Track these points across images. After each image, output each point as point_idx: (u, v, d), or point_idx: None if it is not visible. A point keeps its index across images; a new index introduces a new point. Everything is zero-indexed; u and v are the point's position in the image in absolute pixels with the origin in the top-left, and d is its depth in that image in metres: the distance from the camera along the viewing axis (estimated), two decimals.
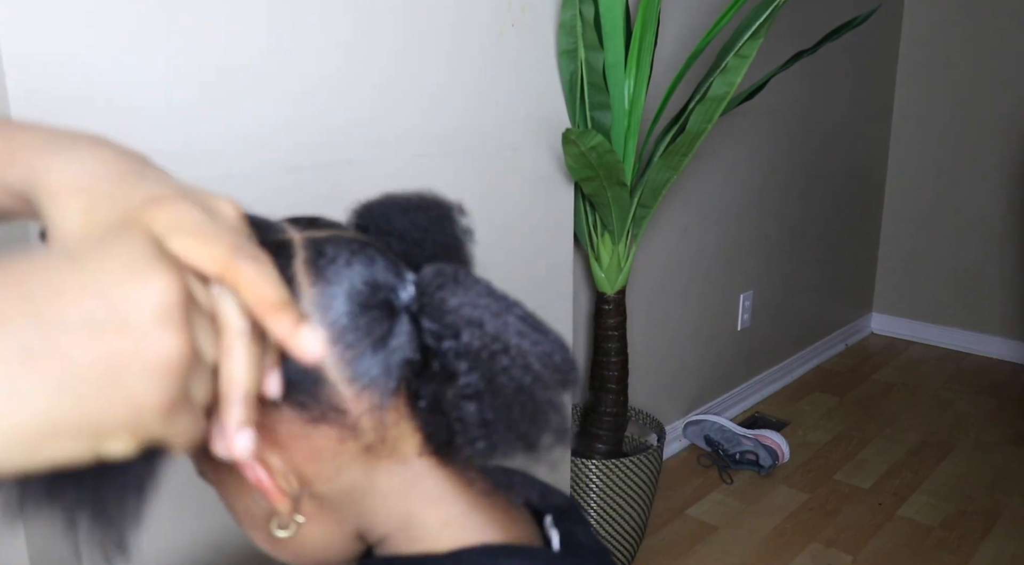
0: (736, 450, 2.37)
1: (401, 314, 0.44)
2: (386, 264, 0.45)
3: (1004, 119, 3.07)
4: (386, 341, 0.43)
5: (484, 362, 0.42)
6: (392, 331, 0.43)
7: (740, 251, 2.65)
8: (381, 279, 0.44)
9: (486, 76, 1.42)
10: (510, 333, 0.42)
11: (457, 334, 0.42)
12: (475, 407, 0.43)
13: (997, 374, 3.08)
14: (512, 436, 0.43)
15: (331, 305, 0.42)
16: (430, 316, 0.43)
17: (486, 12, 1.39)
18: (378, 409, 0.43)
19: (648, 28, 1.61)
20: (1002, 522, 2.13)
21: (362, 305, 0.42)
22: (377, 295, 0.43)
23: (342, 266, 0.43)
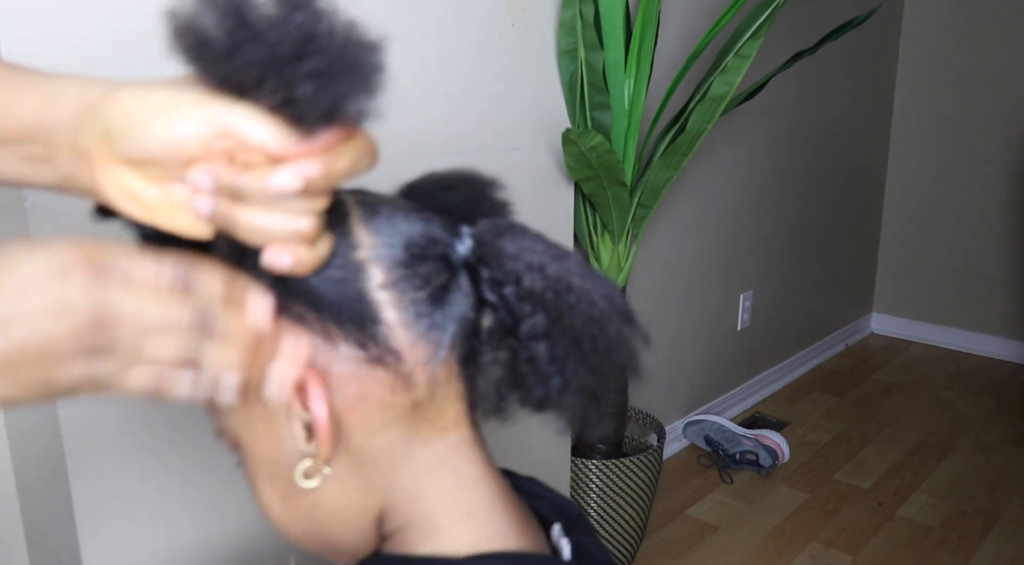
0: (736, 450, 2.37)
1: (460, 270, 0.44)
2: (441, 222, 0.45)
3: (1004, 119, 3.07)
4: (446, 292, 0.43)
5: (550, 302, 0.42)
6: (451, 284, 0.44)
7: (740, 251, 2.65)
8: (437, 234, 0.44)
9: (486, 76, 1.42)
10: (572, 275, 0.43)
11: (519, 279, 0.43)
12: (545, 345, 0.43)
13: (997, 374, 3.08)
14: (584, 369, 0.43)
15: (387, 255, 0.42)
16: (490, 264, 0.44)
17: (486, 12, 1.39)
18: (433, 361, 0.43)
19: (648, 28, 1.61)
20: (1002, 522, 2.13)
21: (419, 256, 0.43)
22: (434, 248, 0.44)
23: (399, 220, 0.44)
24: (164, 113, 0.38)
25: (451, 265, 0.44)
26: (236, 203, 0.38)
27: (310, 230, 0.39)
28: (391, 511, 0.46)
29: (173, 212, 0.40)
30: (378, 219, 0.44)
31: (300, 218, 0.39)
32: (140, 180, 0.39)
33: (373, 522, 0.47)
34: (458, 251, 0.44)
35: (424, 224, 0.44)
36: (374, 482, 0.45)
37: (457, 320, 0.44)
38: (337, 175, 0.39)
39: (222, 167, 0.38)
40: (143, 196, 0.40)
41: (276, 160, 0.38)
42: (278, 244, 0.39)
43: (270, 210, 0.38)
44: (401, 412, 0.44)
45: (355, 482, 0.45)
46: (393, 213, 0.44)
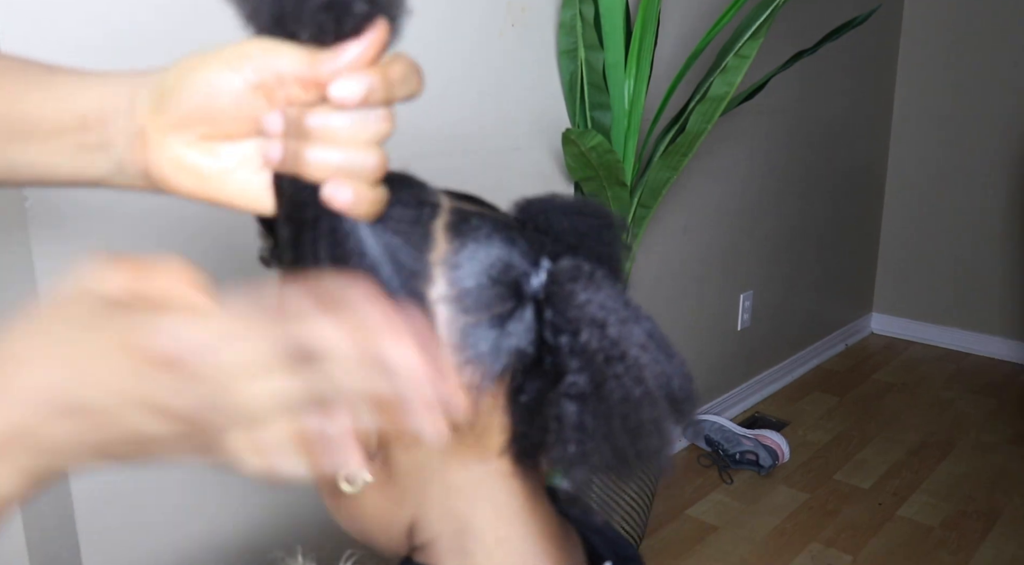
0: (736, 450, 2.37)
1: (527, 302, 0.42)
2: (525, 248, 0.43)
3: (1004, 119, 3.07)
4: (505, 322, 0.42)
5: (597, 365, 0.40)
6: (514, 314, 0.42)
7: (740, 251, 2.65)
8: (516, 262, 0.42)
9: (486, 76, 1.42)
10: (632, 343, 0.40)
11: (577, 331, 0.41)
12: (576, 408, 0.41)
13: (997, 374, 3.08)
14: (607, 448, 0.41)
15: (461, 265, 0.41)
16: (554, 306, 0.42)
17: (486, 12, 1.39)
18: (476, 389, 0.42)
19: (648, 28, 1.62)
20: (1002, 522, 2.13)
21: (491, 278, 0.41)
22: (508, 274, 0.42)
23: (482, 237, 0.42)
24: (204, 63, 0.38)
25: (521, 295, 0.42)
26: (303, 143, 0.38)
27: (376, 163, 0.38)
28: (422, 524, 0.46)
29: (225, 179, 0.40)
30: (463, 227, 0.42)
31: (366, 150, 0.38)
32: (192, 148, 0.39)
33: (405, 532, 0.47)
34: (532, 284, 0.43)
35: (507, 248, 0.42)
36: (406, 495, 0.45)
37: (511, 351, 0.42)
38: (392, 83, 0.38)
39: (287, 109, 0.38)
40: (195, 165, 0.39)
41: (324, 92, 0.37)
42: (339, 179, 0.38)
43: (336, 144, 0.38)
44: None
45: (389, 492, 0.46)
46: (480, 227, 0.42)
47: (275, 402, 0.32)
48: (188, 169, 0.40)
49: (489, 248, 0.42)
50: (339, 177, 0.38)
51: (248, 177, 0.40)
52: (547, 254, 0.44)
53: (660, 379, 0.41)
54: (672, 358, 0.42)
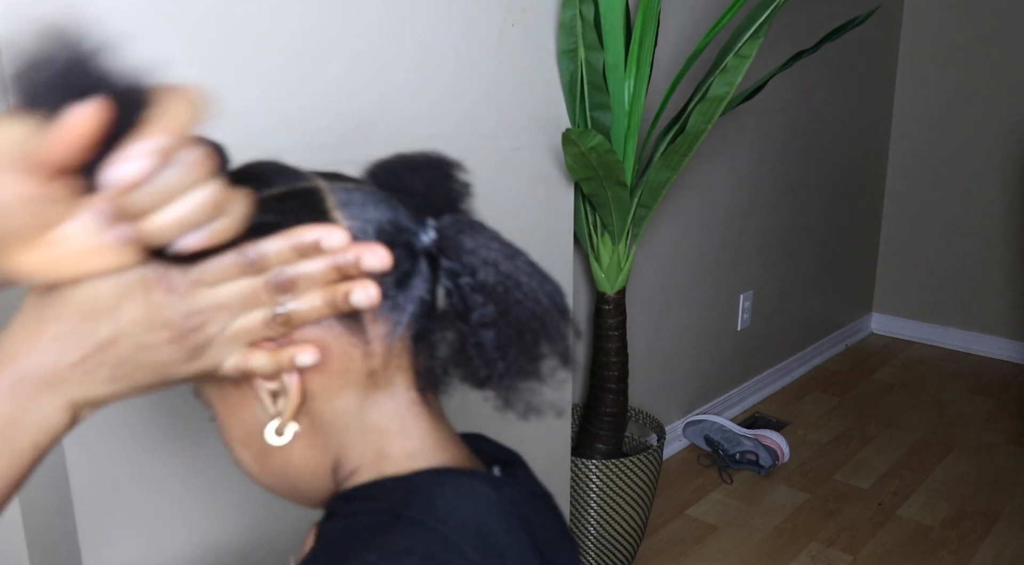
0: (736, 450, 2.37)
1: (421, 258, 0.49)
2: (406, 212, 0.50)
3: (1004, 119, 3.07)
4: (407, 279, 0.48)
5: (500, 295, 0.48)
6: (414, 270, 0.49)
7: (740, 251, 2.65)
8: (403, 222, 0.49)
9: (486, 76, 1.42)
10: (521, 273, 0.49)
11: (474, 272, 0.48)
12: (492, 333, 0.48)
13: (997, 374, 3.08)
14: (525, 357, 0.49)
15: (364, 236, 0.47)
16: (449, 256, 0.49)
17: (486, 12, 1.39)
18: (390, 336, 0.49)
19: (648, 28, 1.61)
20: (1002, 522, 2.13)
21: (388, 243, 0.47)
22: (401, 236, 0.48)
23: (369, 207, 0.48)
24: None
25: (414, 252, 0.49)
26: (134, 219, 0.39)
27: (204, 200, 0.40)
28: (343, 461, 0.52)
29: (75, 256, 0.40)
30: (352, 205, 0.48)
31: (193, 196, 0.39)
32: (25, 254, 0.39)
33: (330, 473, 0.52)
34: (422, 240, 0.49)
35: (393, 212, 0.49)
36: (329, 441, 0.51)
37: (415, 302, 0.49)
38: (181, 127, 0.39)
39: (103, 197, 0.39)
40: (42, 261, 0.40)
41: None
42: (187, 230, 0.41)
43: (168, 204, 0.39)
44: (358, 378, 0.49)
45: (315, 441, 0.51)
46: (366, 200, 0.49)
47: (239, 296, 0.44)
48: (39, 265, 0.40)
49: (378, 215, 0.48)
50: (185, 230, 0.40)
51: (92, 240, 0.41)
52: (426, 212, 0.51)
53: (549, 296, 0.49)
54: (548, 280, 0.50)
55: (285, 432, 0.50)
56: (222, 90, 1.08)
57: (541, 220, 1.58)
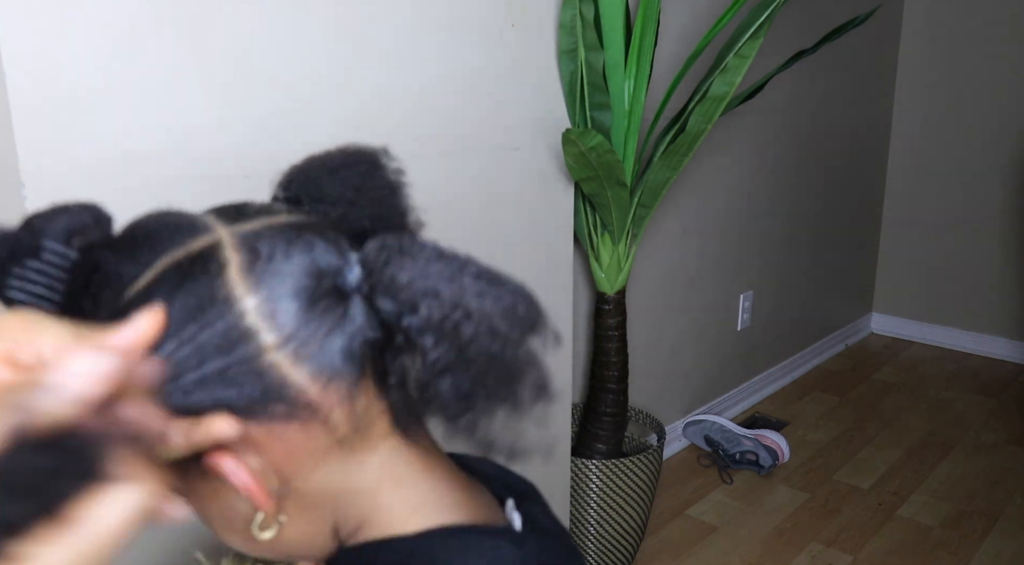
0: (736, 450, 2.37)
1: (352, 296, 0.43)
2: (326, 246, 0.43)
3: (1004, 119, 3.07)
4: (342, 328, 0.42)
5: (449, 334, 0.41)
6: (346, 316, 0.42)
7: (740, 251, 2.65)
8: (324, 265, 0.42)
9: (486, 76, 1.42)
10: (469, 297, 0.41)
11: (415, 308, 0.41)
12: (450, 381, 0.42)
13: (997, 374, 3.08)
14: (494, 400, 0.42)
15: (276, 309, 0.41)
16: (383, 295, 0.42)
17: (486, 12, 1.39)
18: (348, 399, 0.43)
19: (648, 28, 1.61)
20: (1002, 522, 2.13)
21: (309, 299, 0.41)
22: (323, 284, 0.42)
23: (280, 262, 0.41)
24: None
25: (343, 294, 0.42)
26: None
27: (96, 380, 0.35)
28: (344, 522, 0.48)
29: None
30: (258, 266, 0.41)
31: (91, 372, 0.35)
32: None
33: (331, 536, 0.48)
34: (348, 280, 0.43)
35: (308, 256, 0.42)
36: (320, 511, 0.47)
37: (361, 347, 0.42)
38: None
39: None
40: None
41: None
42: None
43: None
44: (329, 451, 0.44)
45: (305, 518, 0.47)
46: (273, 252, 0.42)
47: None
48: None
49: (293, 271, 0.41)
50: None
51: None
52: (345, 228, 0.45)
53: (508, 315, 0.41)
54: (505, 286, 0.42)
55: (271, 526, 0.46)
56: (222, 90, 1.08)
57: (541, 220, 1.58)
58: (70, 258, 0.43)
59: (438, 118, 1.35)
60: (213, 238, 0.42)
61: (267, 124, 1.14)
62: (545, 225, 1.59)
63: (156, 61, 1.01)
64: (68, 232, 0.44)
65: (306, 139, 1.18)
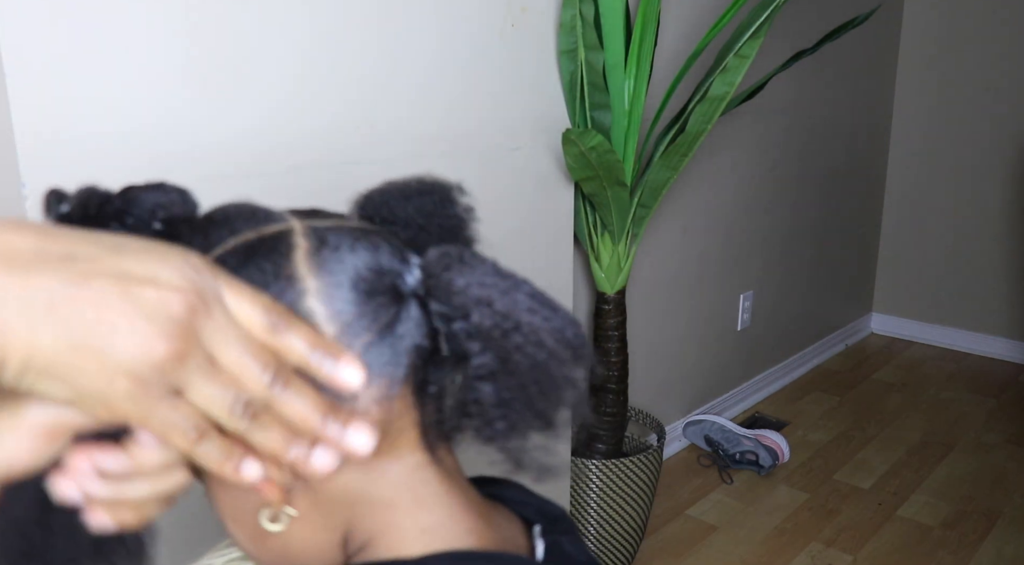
0: (736, 450, 2.37)
1: (408, 299, 0.43)
2: (391, 250, 0.44)
3: (1004, 119, 3.07)
4: (393, 328, 0.42)
5: (497, 341, 0.42)
6: (399, 317, 0.43)
7: (740, 251, 2.65)
8: (386, 264, 0.43)
9: (486, 76, 1.42)
10: (520, 310, 0.42)
11: (467, 314, 0.42)
12: (491, 387, 0.43)
13: (997, 374, 3.08)
14: (530, 414, 0.43)
15: (335, 295, 0.41)
16: (438, 298, 0.43)
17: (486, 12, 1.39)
18: (386, 400, 0.43)
19: (648, 28, 1.61)
20: (1002, 522, 2.13)
21: (367, 292, 0.42)
22: (382, 281, 0.43)
23: (346, 253, 0.43)
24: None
25: (400, 295, 0.43)
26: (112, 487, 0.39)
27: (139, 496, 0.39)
28: (353, 533, 0.47)
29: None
30: (324, 252, 0.42)
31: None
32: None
33: (339, 548, 0.48)
34: (407, 282, 0.44)
35: (372, 254, 0.43)
36: (335, 517, 0.46)
37: (408, 352, 0.43)
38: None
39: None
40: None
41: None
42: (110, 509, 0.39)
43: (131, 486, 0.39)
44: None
45: (318, 520, 0.46)
46: (339, 244, 0.43)
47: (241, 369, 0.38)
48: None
49: (356, 263, 0.43)
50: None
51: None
52: (412, 247, 0.46)
53: (556, 334, 0.43)
54: (557, 311, 0.43)
55: (280, 519, 0.45)
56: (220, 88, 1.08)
57: (541, 220, 1.58)
58: (152, 228, 0.44)
59: (438, 118, 1.35)
60: (285, 226, 0.43)
61: (266, 124, 1.14)
62: (545, 225, 1.59)
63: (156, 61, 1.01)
64: (156, 205, 0.44)
65: (306, 139, 1.18)
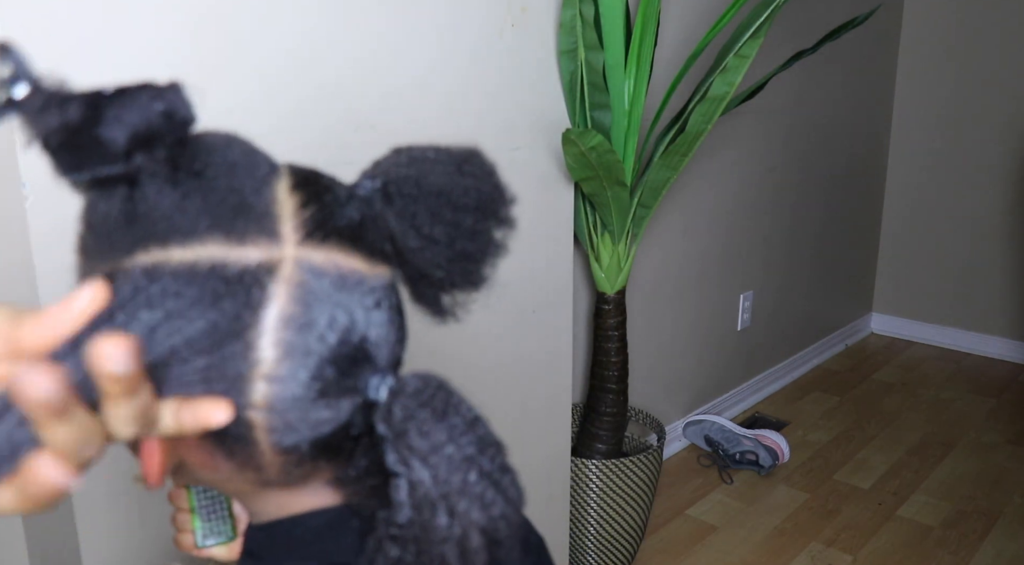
0: (736, 450, 2.37)
1: (363, 400, 0.41)
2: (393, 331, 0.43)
3: (1004, 119, 3.07)
4: (334, 418, 0.41)
5: (424, 513, 0.40)
6: (341, 407, 0.41)
7: (740, 251, 2.65)
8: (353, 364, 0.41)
9: (486, 76, 1.42)
10: (466, 494, 0.40)
11: (408, 465, 0.40)
12: (397, 551, 0.41)
13: (997, 374, 3.08)
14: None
15: (288, 383, 0.39)
16: (390, 435, 0.41)
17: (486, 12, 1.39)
18: (295, 465, 0.42)
19: (648, 28, 1.61)
20: (1002, 522, 2.13)
21: (322, 391, 0.40)
22: (346, 383, 0.40)
23: (322, 325, 0.39)
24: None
25: (358, 397, 0.41)
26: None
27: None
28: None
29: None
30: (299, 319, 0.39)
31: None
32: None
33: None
34: (369, 391, 0.42)
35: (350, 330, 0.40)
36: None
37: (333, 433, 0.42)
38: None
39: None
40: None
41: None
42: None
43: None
44: (250, 482, 0.45)
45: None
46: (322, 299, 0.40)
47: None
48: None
49: (330, 340, 0.39)
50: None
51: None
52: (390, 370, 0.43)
53: (488, 528, 0.40)
54: (505, 499, 0.41)
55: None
56: (220, 87, 1.08)
57: (541, 220, 1.58)
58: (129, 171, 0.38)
59: (438, 118, 1.35)
60: (274, 255, 0.39)
61: (266, 124, 1.14)
62: (545, 225, 1.59)
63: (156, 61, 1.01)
64: (135, 138, 0.37)
65: (305, 139, 1.18)
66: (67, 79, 0.36)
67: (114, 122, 0.36)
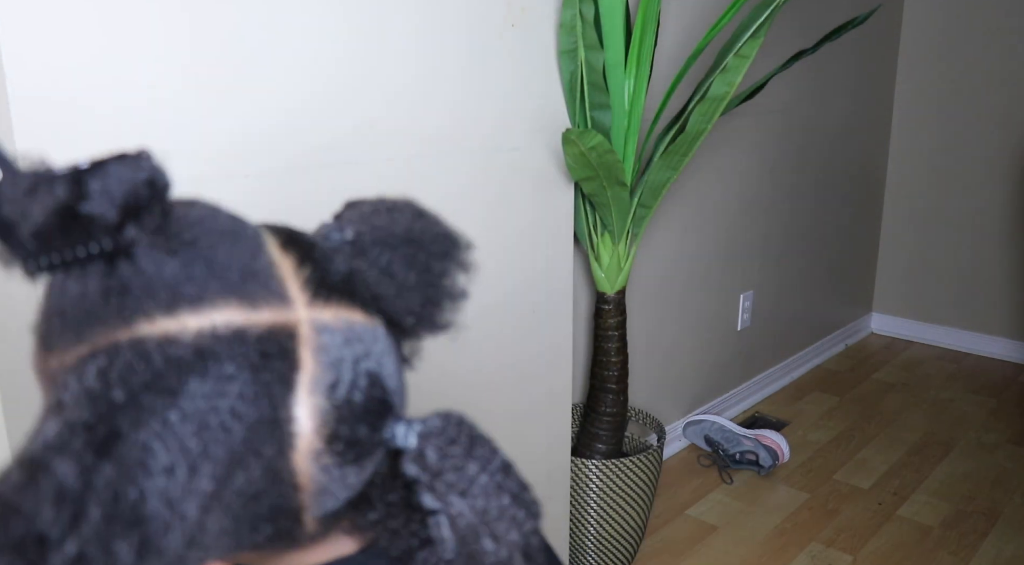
0: (736, 450, 2.37)
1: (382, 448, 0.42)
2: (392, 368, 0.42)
3: (1004, 119, 3.07)
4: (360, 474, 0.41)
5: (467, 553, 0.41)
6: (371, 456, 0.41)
7: (740, 251, 2.65)
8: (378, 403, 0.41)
9: (486, 76, 1.42)
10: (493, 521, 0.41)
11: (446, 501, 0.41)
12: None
13: (997, 374, 3.08)
14: None
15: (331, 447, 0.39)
16: (428, 485, 0.42)
17: (486, 12, 1.39)
18: (321, 527, 0.42)
19: (648, 28, 1.61)
20: (1002, 522, 2.13)
21: (357, 455, 0.40)
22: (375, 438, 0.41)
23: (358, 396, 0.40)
24: None
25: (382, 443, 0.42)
26: None
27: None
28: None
29: None
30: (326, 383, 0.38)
31: None
32: None
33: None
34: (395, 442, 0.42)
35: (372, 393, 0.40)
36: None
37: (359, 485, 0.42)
38: None
39: None
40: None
41: None
42: None
43: None
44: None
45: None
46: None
47: None
48: None
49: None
50: None
51: None
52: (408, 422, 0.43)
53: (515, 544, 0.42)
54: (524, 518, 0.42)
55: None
56: (220, 89, 1.08)
57: (541, 220, 1.58)
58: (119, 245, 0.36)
59: (437, 118, 1.35)
60: (289, 318, 0.38)
61: (265, 126, 1.14)
62: (545, 225, 1.59)
63: (156, 61, 1.01)
64: (125, 211, 0.35)
65: (305, 140, 1.18)
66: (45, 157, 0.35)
67: (102, 196, 0.34)
